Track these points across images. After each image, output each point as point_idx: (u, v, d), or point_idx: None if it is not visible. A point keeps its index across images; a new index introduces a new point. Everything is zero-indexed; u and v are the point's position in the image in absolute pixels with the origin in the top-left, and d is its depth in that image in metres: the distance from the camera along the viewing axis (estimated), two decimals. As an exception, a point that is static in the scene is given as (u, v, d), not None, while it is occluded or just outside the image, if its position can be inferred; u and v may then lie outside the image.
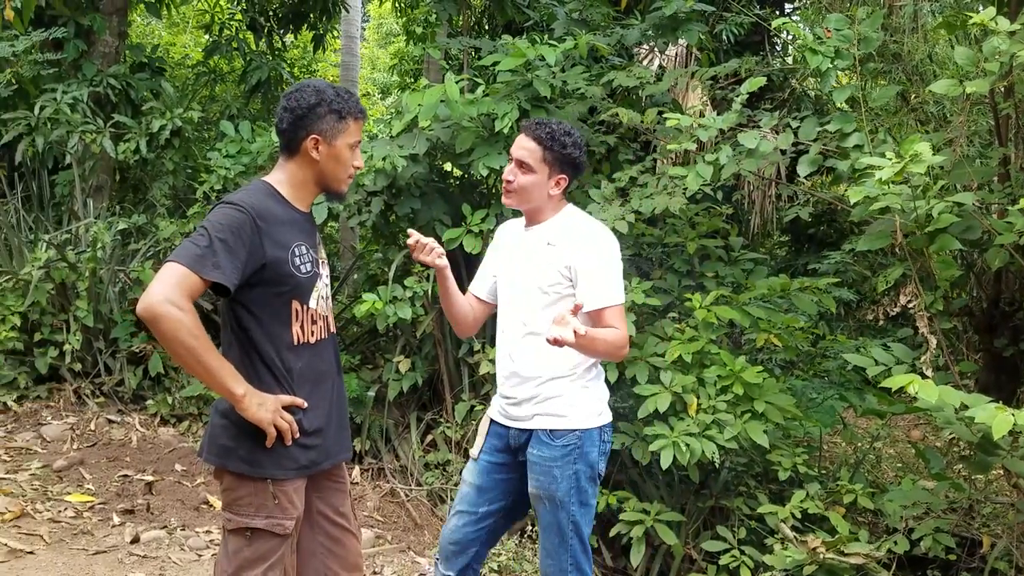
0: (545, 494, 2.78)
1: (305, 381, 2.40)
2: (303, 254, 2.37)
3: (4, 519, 4.27)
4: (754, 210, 8.90)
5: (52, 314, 5.84)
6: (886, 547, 3.87)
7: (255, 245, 2.25)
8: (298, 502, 2.40)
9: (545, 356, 2.74)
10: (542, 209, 2.85)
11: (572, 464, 2.77)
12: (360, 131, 2.45)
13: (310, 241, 2.44)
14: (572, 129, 2.81)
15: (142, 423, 5.68)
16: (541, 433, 2.79)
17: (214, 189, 5.94)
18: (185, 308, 2.12)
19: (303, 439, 2.37)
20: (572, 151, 2.78)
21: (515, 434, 2.86)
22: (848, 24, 4.13)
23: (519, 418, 2.85)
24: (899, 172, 3.37)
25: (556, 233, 2.82)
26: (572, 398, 2.80)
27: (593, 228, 2.87)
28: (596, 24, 6.20)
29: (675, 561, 4.58)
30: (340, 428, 2.55)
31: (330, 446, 2.48)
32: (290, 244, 2.34)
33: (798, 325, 4.89)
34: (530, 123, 2.83)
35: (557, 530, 2.80)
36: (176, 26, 13.17)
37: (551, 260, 2.79)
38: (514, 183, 2.80)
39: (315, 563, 2.56)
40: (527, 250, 2.86)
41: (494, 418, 2.95)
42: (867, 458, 5.67)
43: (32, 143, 6.84)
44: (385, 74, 16.29)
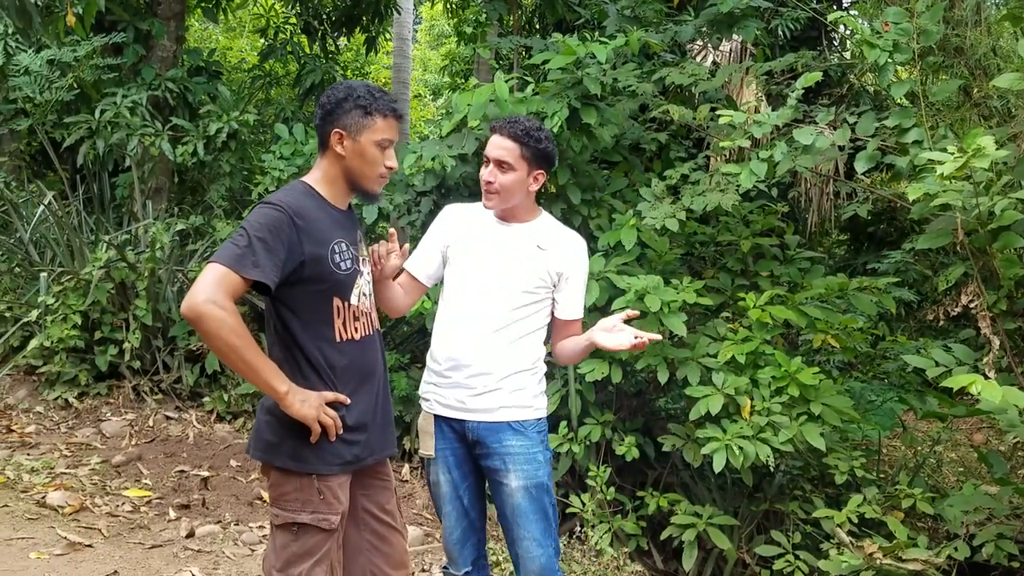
0: (533, 482, 2.79)
1: (349, 377, 2.41)
2: (342, 251, 2.39)
3: (64, 513, 4.38)
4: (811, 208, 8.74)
5: (112, 313, 5.98)
6: (946, 553, 3.75)
7: (293, 243, 2.26)
8: (343, 497, 2.41)
9: (513, 352, 2.80)
10: (521, 207, 2.87)
11: (545, 448, 2.87)
12: (391, 131, 2.43)
13: (350, 238, 2.45)
14: (541, 124, 2.85)
15: (198, 420, 5.78)
16: (513, 424, 2.79)
17: (268, 190, 6.02)
18: (227, 307, 2.15)
19: (347, 435, 2.39)
20: (547, 145, 2.80)
21: (474, 426, 2.80)
22: (907, 17, 4.01)
23: (480, 409, 2.79)
24: (961, 167, 3.26)
25: (545, 237, 2.86)
26: (534, 389, 2.86)
27: (577, 239, 2.96)
28: (648, 21, 6.13)
29: (727, 565, 4.51)
30: (384, 425, 2.55)
31: (374, 442, 2.49)
32: (329, 241, 2.36)
33: (856, 326, 4.77)
34: (501, 122, 2.81)
35: (544, 516, 2.82)
36: (233, 31, 13.41)
37: (540, 264, 2.83)
38: (495, 183, 2.77)
39: (361, 560, 2.56)
40: (512, 249, 2.83)
41: (440, 414, 2.85)
42: (927, 462, 5.53)
43: (93, 146, 7.01)
44: (436, 75, 16.37)
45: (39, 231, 6.68)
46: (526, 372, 2.83)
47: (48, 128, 7.49)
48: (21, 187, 7.44)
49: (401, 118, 2.49)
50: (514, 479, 2.79)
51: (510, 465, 2.79)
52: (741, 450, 3.99)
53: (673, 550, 4.66)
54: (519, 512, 2.81)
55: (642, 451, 4.69)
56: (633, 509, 4.70)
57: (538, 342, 2.88)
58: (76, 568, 3.83)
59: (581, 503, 4.59)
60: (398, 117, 2.46)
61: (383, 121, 2.41)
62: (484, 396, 2.79)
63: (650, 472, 4.99)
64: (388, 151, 2.44)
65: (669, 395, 5.12)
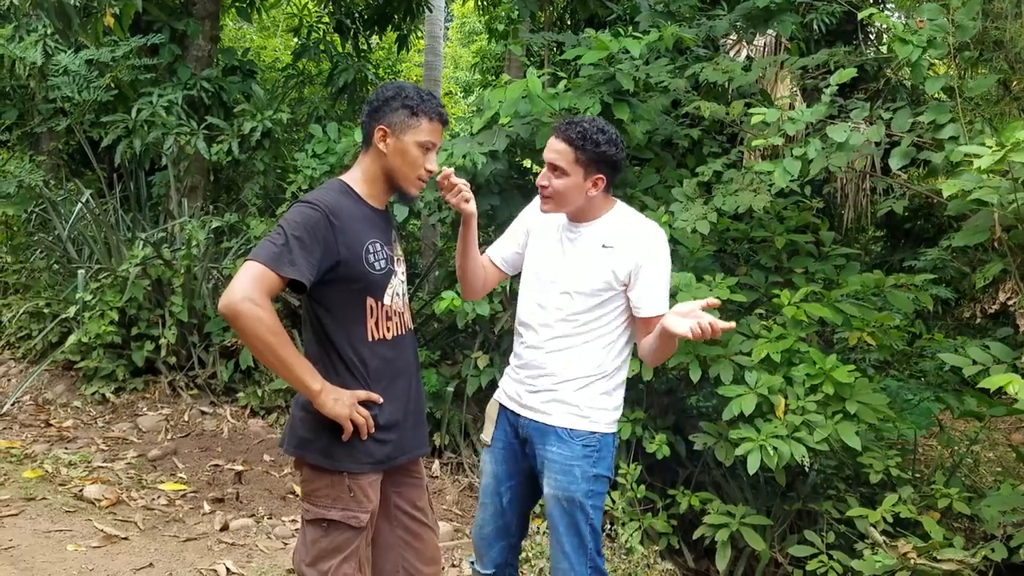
0: (564, 494, 2.69)
1: (381, 377, 2.42)
2: (377, 251, 2.40)
3: (101, 506, 4.45)
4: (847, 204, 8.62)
5: (148, 309, 6.06)
6: (982, 554, 3.68)
7: (329, 242, 2.28)
8: (373, 495, 2.42)
9: (573, 358, 2.71)
10: (586, 210, 2.74)
11: (592, 466, 2.70)
12: (435, 134, 2.43)
13: (384, 238, 2.45)
14: (606, 126, 2.68)
15: (233, 415, 5.84)
16: (560, 431, 2.71)
17: (301, 189, 6.07)
18: (262, 305, 2.16)
19: (379, 434, 2.40)
20: (607, 149, 2.64)
21: (525, 423, 2.78)
22: (943, 13, 3.94)
23: (533, 408, 2.76)
24: (999, 161, 3.20)
25: (611, 234, 2.72)
26: (594, 401, 2.73)
27: (650, 230, 2.76)
28: (682, 16, 6.09)
29: (759, 564, 4.47)
30: (416, 424, 2.56)
31: (406, 441, 2.50)
32: (364, 241, 2.37)
33: (893, 323, 4.69)
34: (560, 124, 2.71)
35: (576, 531, 2.72)
36: (267, 30, 13.51)
37: (605, 263, 2.69)
38: (549, 188, 2.68)
39: (393, 556, 2.58)
40: (578, 250, 2.74)
41: (503, 403, 2.87)
42: (964, 462, 5.43)
43: (130, 145, 7.11)
44: (467, 73, 16.39)
45: (77, 229, 6.79)
46: (589, 380, 2.72)
47: (86, 127, 7.60)
48: (59, 185, 7.56)
49: (446, 123, 2.48)
50: (547, 486, 2.74)
51: (545, 471, 2.74)
52: (775, 450, 3.95)
53: (704, 549, 4.63)
54: (551, 520, 2.77)
55: (673, 449, 4.66)
56: (664, 507, 4.68)
57: (606, 350, 2.73)
58: (112, 560, 3.89)
59: (611, 501, 4.57)
60: (444, 122, 2.45)
61: (428, 123, 2.41)
62: (539, 395, 2.76)
63: (681, 470, 4.96)
64: (430, 154, 2.43)
65: (701, 393, 5.09)
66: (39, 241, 7.01)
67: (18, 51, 7.28)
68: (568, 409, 2.72)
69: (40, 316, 6.39)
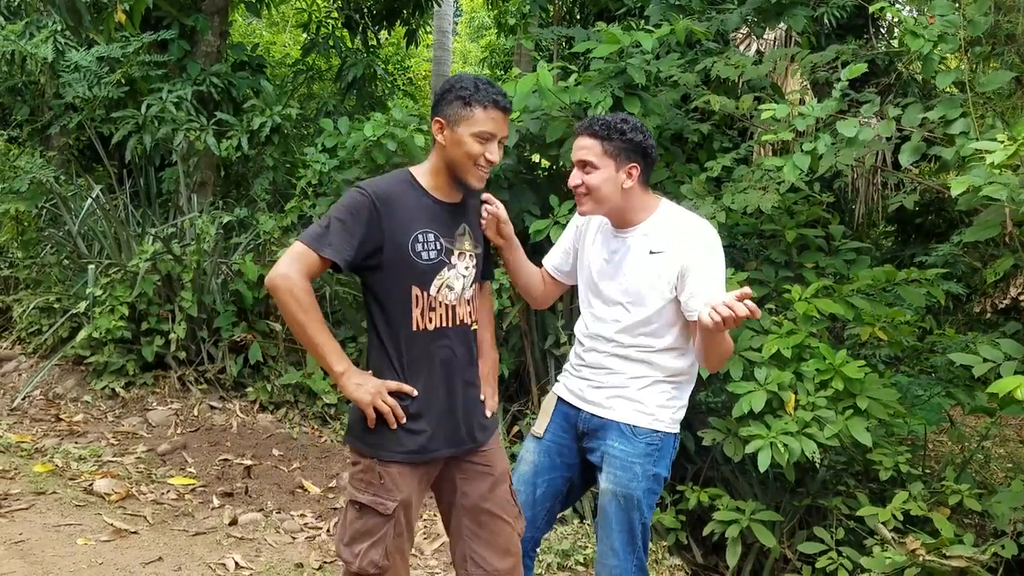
0: (622, 491, 2.67)
1: (418, 368, 2.43)
2: (428, 241, 2.41)
3: (110, 500, 4.47)
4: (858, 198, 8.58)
5: (158, 304, 6.07)
6: (992, 551, 3.67)
7: (372, 227, 2.34)
8: (404, 486, 2.43)
9: (638, 364, 2.70)
10: (626, 208, 2.69)
11: (652, 463, 2.69)
12: (492, 123, 2.40)
13: (444, 231, 2.46)
14: (628, 116, 2.67)
15: (242, 409, 5.85)
16: (622, 426, 2.69)
17: (310, 184, 6.07)
18: (298, 283, 2.26)
19: (411, 424, 2.41)
20: (634, 136, 2.61)
21: (586, 418, 2.77)
22: (954, 8, 3.91)
23: (597, 403, 2.75)
24: (1012, 156, 3.17)
25: (657, 238, 2.67)
26: (658, 399, 2.70)
27: (697, 226, 2.68)
28: (692, 9, 6.06)
29: (768, 560, 4.46)
30: (466, 417, 2.54)
31: (448, 434, 2.49)
32: (414, 230, 2.39)
33: (904, 319, 4.67)
34: (583, 122, 2.70)
35: (628, 529, 2.70)
36: (276, 25, 13.53)
37: (654, 271, 2.64)
38: (582, 185, 2.66)
39: (461, 546, 2.60)
40: (627, 261, 2.70)
41: (563, 396, 2.86)
42: (975, 458, 5.41)
43: (140, 141, 7.12)
44: (476, 67, 16.38)
45: (87, 224, 6.81)
46: (654, 380, 2.70)
47: (97, 123, 7.62)
48: (70, 181, 7.58)
49: (506, 110, 2.45)
50: (604, 481, 2.72)
51: (605, 466, 2.72)
52: (786, 447, 3.94)
53: (713, 545, 4.62)
54: (604, 515, 2.75)
55: (682, 445, 4.65)
56: (672, 503, 4.67)
57: (670, 355, 2.70)
58: (122, 554, 3.91)
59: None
60: (501, 108, 2.43)
61: (483, 112, 2.39)
62: (602, 391, 2.75)
63: (690, 466, 4.95)
64: (489, 144, 2.42)
65: (710, 388, 5.07)
66: (49, 236, 7.04)
67: (29, 47, 7.30)
68: (632, 406, 2.70)
69: (50, 311, 6.41)
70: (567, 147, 4.91)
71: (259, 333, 6.18)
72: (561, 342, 5.22)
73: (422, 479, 2.52)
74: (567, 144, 4.92)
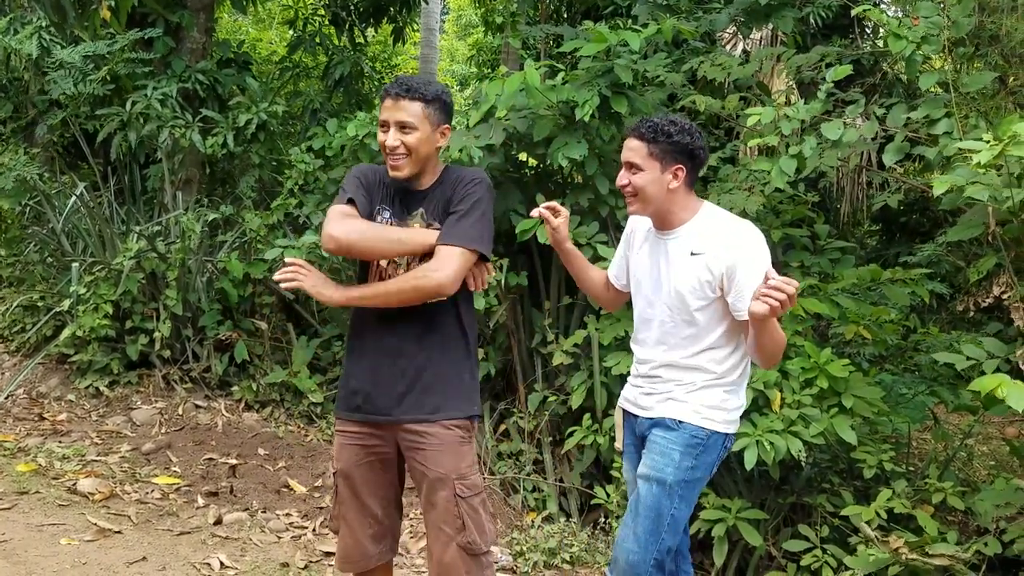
0: (656, 475, 2.69)
1: (361, 328, 2.65)
2: (384, 218, 2.64)
3: (94, 499, 4.45)
4: (843, 198, 8.63)
5: (143, 303, 6.04)
6: (974, 549, 3.69)
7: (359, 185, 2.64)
8: (342, 456, 2.68)
9: (687, 367, 2.73)
10: (671, 211, 2.73)
11: (693, 457, 2.69)
12: (384, 112, 2.57)
13: (396, 209, 2.64)
14: (677, 119, 2.71)
15: (227, 408, 5.83)
16: (669, 420, 2.73)
17: (297, 183, 6.06)
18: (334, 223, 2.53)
19: (344, 381, 2.72)
20: (680, 138, 2.66)
21: (643, 422, 2.83)
22: (938, 10, 3.94)
23: (648, 407, 2.80)
24: (997, 155, 3.18)
25: (698, 240, 2.69)
26: (708, 400, 2.72)
27: (739, 228, 2.70)
28: (679, 9, 6.07)
29: (753, 558, 4.48)
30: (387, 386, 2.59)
31: (371, 401, 2.61)
32: (374, 204, 2.64)
33: (888, 317, 4.70)
34: (632, 124, 2.76)
35: (656, 515, 2.69)
36: (262, 22, 13.47)
37: (696, 272, 2.67)
38: (629, 185, 2.71)
39: None
40: (669, 262, 2.74)
41: (625, 408, 2.93)
42: (958, 456, 5.44)
43: (125, 138, 7.08)
44: (463, 65, 16.37)
45: (71, 222, 6.76)
46: (704, 383, 2.72)
47: (81, 120, 7.57)
48: (54, 178, 7.53)
49: (393, 95, 2.56)
50: (643, 465, 2.76)
51: (646, 453, 2.76)
52: (772, 445, 3.95)
53: (698, 542, 4.63)
54: (635, 499, 2.76)
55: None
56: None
57: (719, 355, 2.71)
58: (105, 554, 3.89)
59: (606, 494, 4.58)
60: (389, 96, 2.57)
61: (382, 105, 2.60)
62: (653, 396, 2.79)
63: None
64: (384, 132, 2.58)
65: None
66: (33, 234, 6.99)
67: (13, 44, 7.24)
68: (680, 406, 2.73)
69: (34, 309, 6.37)
70: (555, 146, 4.91)
71: (244, 332, 6.16)
72: (548, 340, 5.23)
73: (366, 454, 2.65)
74: (555, 143, 4.93)
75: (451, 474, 2.56)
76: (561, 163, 4.85)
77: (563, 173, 5.66)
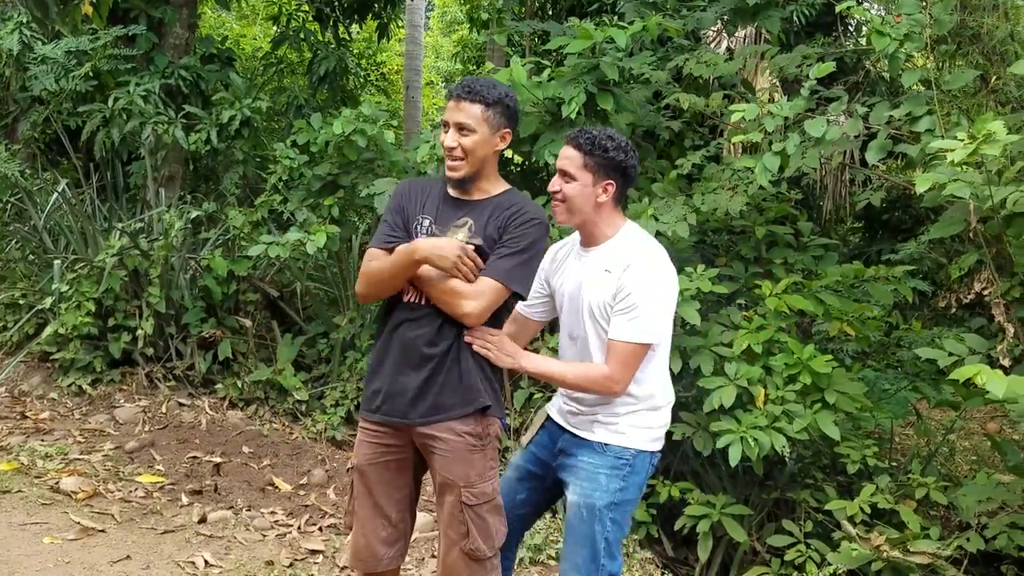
0: (585, 502, 2.69)
1: (384, 330, 2.68)
2: (422, 224, 2.65)
3: (77, 498, 4.42)
4: (826, 195, 8.66)
5: (125, 300, 6.00)
6: (955, 545, 3.73)
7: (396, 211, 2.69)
8: (361, 451, 2.69)
9: None
10: (597, 225, 2.74)
11: (620, 479, 2.69)
12: (447, 113, 2.60)
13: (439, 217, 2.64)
14: (616, 134, 2.71)
15: (211, 406, 5.81)
16: (595, 444, 2.73)
17: (281, 179, 6.03)
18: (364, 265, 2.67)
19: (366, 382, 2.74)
20: (616, 154, 2.67)
21: (565, 438, 2.81)
22: (920, 8, 3.96)
23: (576, 425, 2.80)
24: (972, 154, 3.20)
25: (613, 259, 2.70)
26: (634, 419, 2.72)
27: (646, 254, 2.71)
28: (665, 6, 6.08)
29: (737, 553, 4.50)
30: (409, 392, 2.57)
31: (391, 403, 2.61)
32: (416, 215, 2.66)
33: (871, 314, 4.73)
34: (572, 132, 2.76)
35: (590, 544, 2.68)
36: (246, 18, 13.40)
37: (608, 288, 2.68)
38: (560, 192, 2.72)
39: None
40: (587, 276, 2.75)
41: (552, 415, 2.91)
42: (940, 451, 5.49)
43: (108, 135, 7.03)
44: (448, 62, 16.34)
45: (53, 219, 6.71)
46: (625, 404, 2.71)
47: (63, 117, 7.51)
48: (35, 175, 7.47)
49: (457, 98, 2.58)
50: (571, 493, 2.74)
51: (571, 478, 2.75)
52: (756, 442, 3.97)
53: (682, 538, 4.65)
54: (568, 528, 2.76)
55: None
56: (643, 496, 4.69)
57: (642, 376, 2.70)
58: (89, 553, 3.86)
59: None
60: (453, 97, 2.59)
61: (447, 103, 2.63)
62: (580, 416, 2.79)
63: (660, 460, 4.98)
64: (444, 132, 2.60)
65: (681, 383, 5.10)
66: (14, 231, 6.93)
67: (-7, 38, 7.18)
68: (606, 427, 2.73)
69: (16, 307, 6.32)
70: (541, 143, 4.91)
71: (228, 329, 6.14)
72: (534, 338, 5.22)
73: (381, 453, 2.65)
74: (541, 140, 4.92)
75: (459, 481, 2.56)
76: (547, 160, 4.85)
77: (548, 170, 5.66)
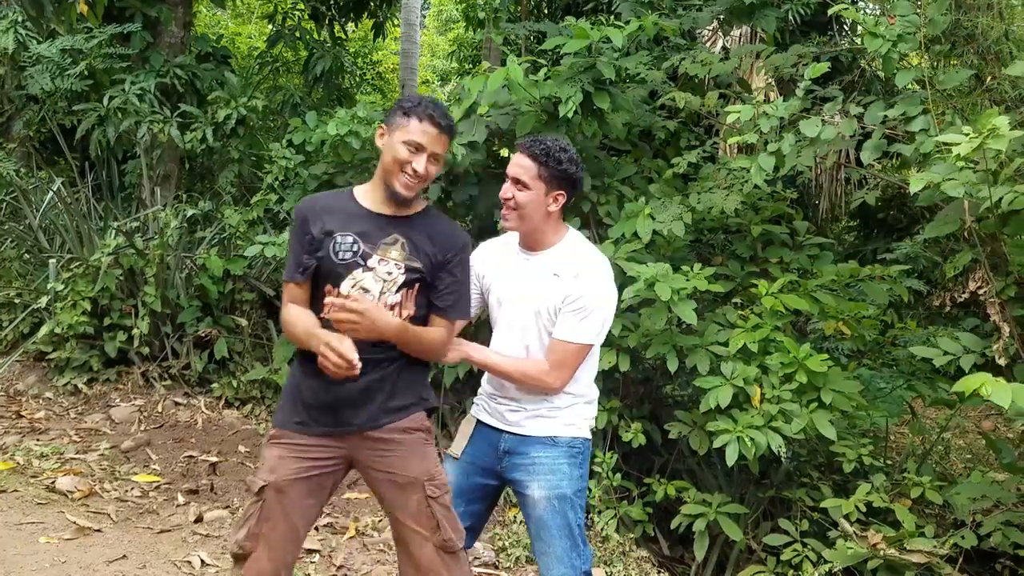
0: (555, 493, 2.73)
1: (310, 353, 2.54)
2: (345, 242, 2.52)
3: (73, 498, 4.41)
4: (822, 194, 8.69)
5: (121, 299, 6.00)
6: (950, 543, 3.74)
7: (301, 237, 2.57)
8: (281, 468, 2.52)
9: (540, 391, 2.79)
10: (542, 231, 2.80)
11: (578, 466, 2.79)
12: (426, 136, 2.49)
13: (365, 235, 2.52)
14: (568, 146, 2.78)
15: (207, 406, 5.80)
16: (544, 439, 2.77)
17: (277, 179, 6.02)
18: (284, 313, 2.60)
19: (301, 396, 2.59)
20: (568, 167, 2.74)
21: (508, 438, 2.83)
22: (914, 8, 3.97)
23: (517, 423, 2.81)
24: (977, 148, 3.21)
25: (561, 264, 2.77)
26: (575, 411, 2.82)
27: (595, 263, 2.80)
28: (661, 6, 6.08)
29: (732, 552, 4.51)
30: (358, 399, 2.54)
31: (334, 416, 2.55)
32: (334, 232, 2.53)
33: (867, 313, 4.74)
34: (525, 141, 2.78)
35: (567, 532, 2.74)
36: (241, 16, 13.38)
37: (556, 292, 2.73)
38: (512, 199, 2.74)
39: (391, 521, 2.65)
40: (531, 282, 2.79)
41: (483, 420, 2.91)
42: (935, 449, 5.51)
43: (103, 134, 7.01)
44: (444, 61, 16.34)
45: (48, 218, 6.70)
46: (565, 398, 2.79)
47: (59, 116, 7.50)
48: (31, 174, 7.46)
49: (441, 129, 2.53)
50: (536, 489, 2.76)
51: (533, 474, 2.77)
52: (752, 441, 3.98)
53: (679, 536, 4.66)
54: (541, 525, 2.78)
55: (648, 438, 4.68)
56: (639, 495, 4.70)
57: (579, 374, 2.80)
58: (85, 552, 3.86)
59: (588, 489, 4.58)
60: (436, 126, 2.52)
61: (417, 124, 2.50)
62: (519, 413, 2.81)
63: (656, 459, 4.99)
64: (418, 155, 2.50)
65: (676, 382, 5.11)
66: (10, 230, 6.92)
67: (-12, 37, 7.17)
68: (550, 422, 2.79)
69: (11, 306, 6.31)
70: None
71: (224, 328, 6.13)
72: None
73: (311, 468, 2.53)
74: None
75: (421, 476, 2.56)
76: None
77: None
